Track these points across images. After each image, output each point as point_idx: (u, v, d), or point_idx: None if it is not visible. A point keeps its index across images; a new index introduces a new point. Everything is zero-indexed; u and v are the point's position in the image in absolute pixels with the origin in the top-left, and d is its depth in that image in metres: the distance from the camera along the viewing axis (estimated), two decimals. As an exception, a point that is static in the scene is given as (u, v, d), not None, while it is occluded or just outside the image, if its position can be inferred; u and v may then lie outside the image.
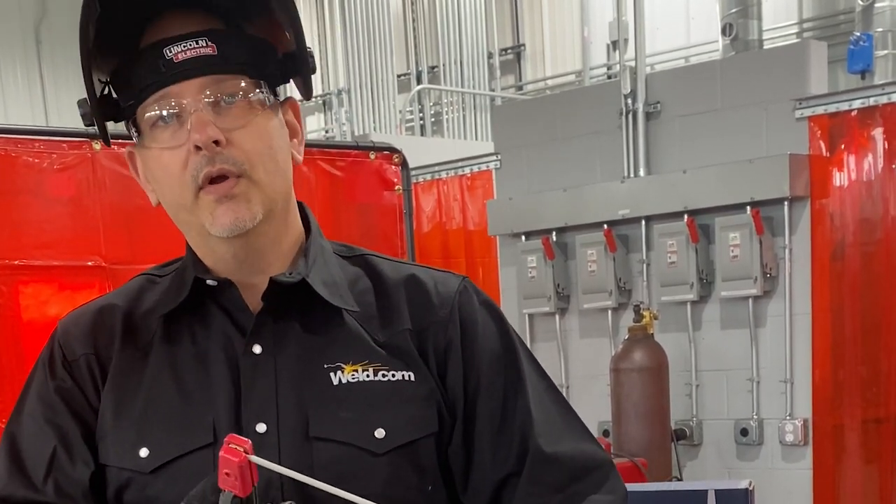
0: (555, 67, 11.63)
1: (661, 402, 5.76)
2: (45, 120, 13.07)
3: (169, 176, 1.40)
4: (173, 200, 1.43)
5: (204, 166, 1.37)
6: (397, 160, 4.67)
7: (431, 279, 1.53)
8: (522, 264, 6.59)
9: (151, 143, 1.41)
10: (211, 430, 1.41)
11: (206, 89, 1.38)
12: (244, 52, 1.41)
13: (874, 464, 5.61)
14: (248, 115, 1.40)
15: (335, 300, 1.47)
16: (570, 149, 6.47)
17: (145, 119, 1.40)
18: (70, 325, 1.52)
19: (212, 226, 1.40)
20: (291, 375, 1.44)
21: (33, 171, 3.78)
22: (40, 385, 1.50)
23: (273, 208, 1.43)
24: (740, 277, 5.73)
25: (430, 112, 11.29)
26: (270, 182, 1.41)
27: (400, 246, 4.65)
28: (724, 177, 5.77)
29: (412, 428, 1.44)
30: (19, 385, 1.55)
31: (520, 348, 1.54)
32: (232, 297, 1.46)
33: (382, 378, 1.44)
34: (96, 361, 1.49)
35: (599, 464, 1.49)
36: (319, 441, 1.41)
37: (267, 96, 1.42)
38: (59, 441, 1.46)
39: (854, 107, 5.51)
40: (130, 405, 1.45)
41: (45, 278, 3.81)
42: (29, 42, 13.45)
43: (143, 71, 1.39)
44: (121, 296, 1.54)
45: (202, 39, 1.38)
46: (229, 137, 1.38)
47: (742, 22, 7.21)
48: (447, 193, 7.25)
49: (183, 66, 1.37)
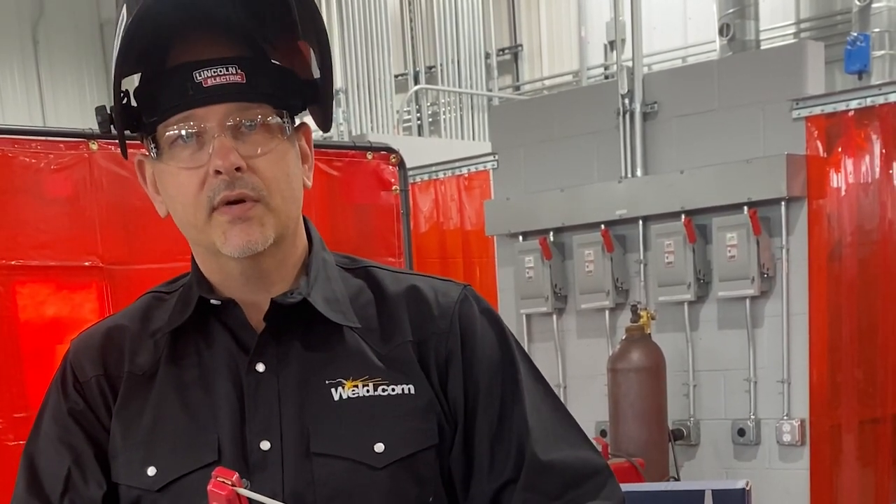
0: (552, 67, 11.63)
1: (659, 402, 5.77)
2: (42, 120, 13.06)
3: (184, 195, 1.42)
4: (186, 219, 1.45)
5: (222, 190, 1.40)
6: (394, 160, 4.67)
7: (432, 290, 1.55)
8: (520, 264, 6.60)
9: (170, 160, 1.43)
10: (216, 448, 1.44)
11: (230, 115, 1.40)
12: (270, 82, 1.43)
13: (871, 464, 5.61)
14: (269, 143, 1.42)
15: (336, 317, 1.49)
16: (568, 149, 6.47)
17: (166, 136, 1.42)
18: (81, 347, 1.55)
19: (223, 245, 1.43)
20: (294, 393, 1.46)
21: (30, 171, 3.78)
22: (54, 406, 1.53)
23: (284, 233, 1.46)
24: (737, 278, 5.74)
25: (427, 112, 11.28)
26: (285, 208, 1.44)
27: (397, 246, 4.65)
28: (722, 177, 5.77)
29: (411, 441, 1.46)
30: (16, 386, 1.57)
31: (518, 356, 1.55)
32: (235, 316, 1.49)
33: (382, 393, 1.47)
34: (107, 382, 1.51)
35: (597, 470, 1.51)
36: (320, 457, 1.44)
37: (287, 125, 1.45)
38: (73, 461, 1.49)
39: (851, 107, 5.51)
40: (139, 424, 1.49)
41: (42, 278, 3.81)
42: (26, 42, 13.44)
43: (170, 91, 1.40)
44: (128, 316, 1.57)
45: (232, 67, 1.40)
46: (250, 164, 1.40)
47: (739, 22, 7.21)
48: (444, 193, 7.26)
49: (211, 92, 1.39)
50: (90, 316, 3.77)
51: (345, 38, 10.49)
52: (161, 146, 1.43)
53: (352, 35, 10.40)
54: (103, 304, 3.87)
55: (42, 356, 3.73)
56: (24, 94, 13.37)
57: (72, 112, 13.53)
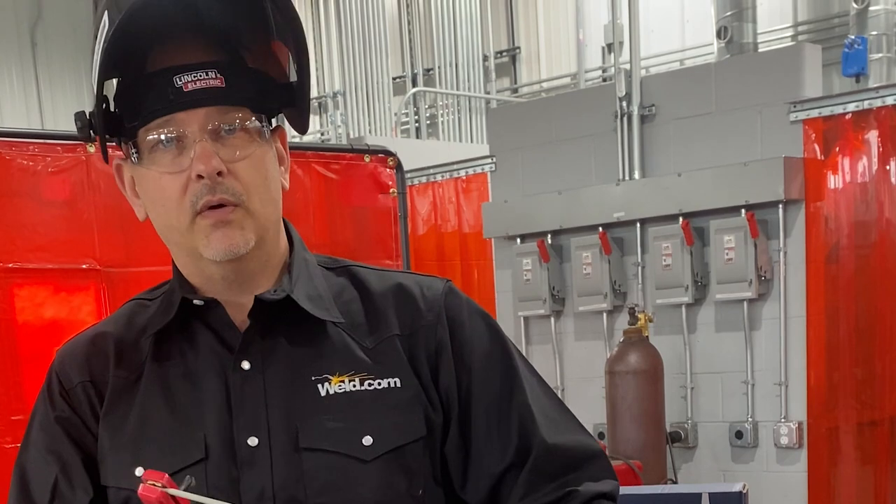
0: (550, 70, 11.64)
1: (656, 404, 5.77)
2: (40, 123, 13.06)
3: (167, 199, 1.44)
4: (167, 223, 1.46)
5: (204, 195, 1.42)
6: (392, 163, 4.67)
7: (417, 285, 1.57)
8: (517, 267, 6.59)
9: (151, 164, 1.44)
10: (202, 446, 1.46)
11: (211, 119, 1.42)
12: (249, 86, 1.45)
13: (869, 466, 5.61)
14: (248, 147, 1.44)
15: (320, 313, 1.51)
16: (566, 151, 6.47)
17: (147, 141, 1.44)
18: (66, 356, 1.56)
19: (205, 249, 1.44)
20: (280, 389, 1.48)
21: (28, 173, 3.78)
22: (42, 416, 1.55)
23: (265, 235, 1.48)
24: (735, 280, 5.74)
25: (425, 115, 11.29)
26: (264, 211, 1.46)
27: (395, 249, 4.65)
28: (719, 179, 5.77)
29: (399, 434, 1.48)
30: (14, 388, 1.58)
31: (510, 345, 1.58)
32: (219, 316, 1.50)
33: (368, 387, 1.49)
34: (93, 388, 1.53)
35: (595, 454, 1.55)
36: (309, 451, 1.45)
37: (266, 129, 1.47)
38: (60, 469, 1.51)
39: (849, 110, 5.51)
40: (125, 426, 1.50)
41: (40, 281, 3.81)
42: (24, 44, 13.43)
43: (151, 95, 1.42)
44: (111, 323, 1.59)
45: (212, 71, 1.42)
46: (230, 168, 1.42)
47: (737, 25, 7.23)
48: (442, 196, 7.25)
49: (191, 96, 1.41)
50: (88, 318, 3.77)
51: (343, 41, 10.50)
52: (142, 150, 1.45)
53: (350, 38, 10.41)
54: (101, 306, 3.87)
55: (40, 358, 3.72)
56: (21, 97, 13.36)
57: (69, 115, 13.46)
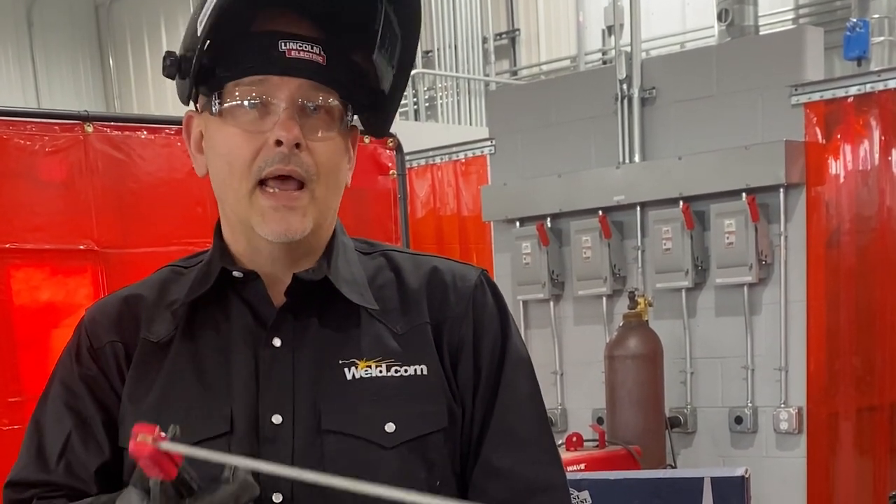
0: (550, 52, 11.59)
1: (656, 389, 5.76)
2: (36, 102, 13.03)
3: (235, 158, 1.43)
4: (229, 182, 1.45)
5: (276, 162, 1.41)
6: (392, 145, 4.65)
7: (451, 273, 1.57)
8: (517, 250, 6.57)
9: (230, 119, 1.43)
10: (228, 419, 1.46)
11: (303, 91, 1.43)
12: (345, 73, 1.46)
13: (868, 452, 5.61)
14: (330, 130, 1.45)
15: (355, 297, 1.51)
16: (565, 134, 6.45)
17: (234, 95, 1.43)
18: (96, 314, 1.56)
19: (260, 226, 1.44)
20: (308, 370, 1.48)
21: (25, 153, 3.76)
22: (65, 372, 1.55)
23: (322, 223, 1.49)
24: (735, 264, 5.72)
25: (424, 97, 11.24)
26: (327, 199, 1.47)
27: (394, 231, 4.63)
28: (720, 163, 5.75)
29: (422, 423, 1.48)
30: (10, 370, 1.56)
31: (512, 352, 1.56)
32: (256, 291, 1.50)
33: (395, 374, 1.48)
34: (122, 349, 1.53)
35: (551, 487, 1.52)
36: (330, 434, 1.45)
37: (348, 119, 1.48)
38: (74, 425, 1.51)
39: (850, 93, 5.49)
40: (150, 391, 1.49)
41: (37, 262, 3.79)
42: (21, 24, 13.40)
43: (252, 53, 1.42)
44: (145, 286, 1.58)
45: (316, 46, 1.43)
46: (308, 145, 1.43)
47: (738, 7, 7.17)
48: (441, 179, 7.23)
49: (292, 63, 1.42)
50: (85, 300, 3.75)
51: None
52: (224, 103, 1.44)
53: (348, 19, 10.36)
54: (98, 287, 3.85)
55: (36, 340, 3.71)
56: (18, 76, 13.34)
57: (66, 94, 13.49)
